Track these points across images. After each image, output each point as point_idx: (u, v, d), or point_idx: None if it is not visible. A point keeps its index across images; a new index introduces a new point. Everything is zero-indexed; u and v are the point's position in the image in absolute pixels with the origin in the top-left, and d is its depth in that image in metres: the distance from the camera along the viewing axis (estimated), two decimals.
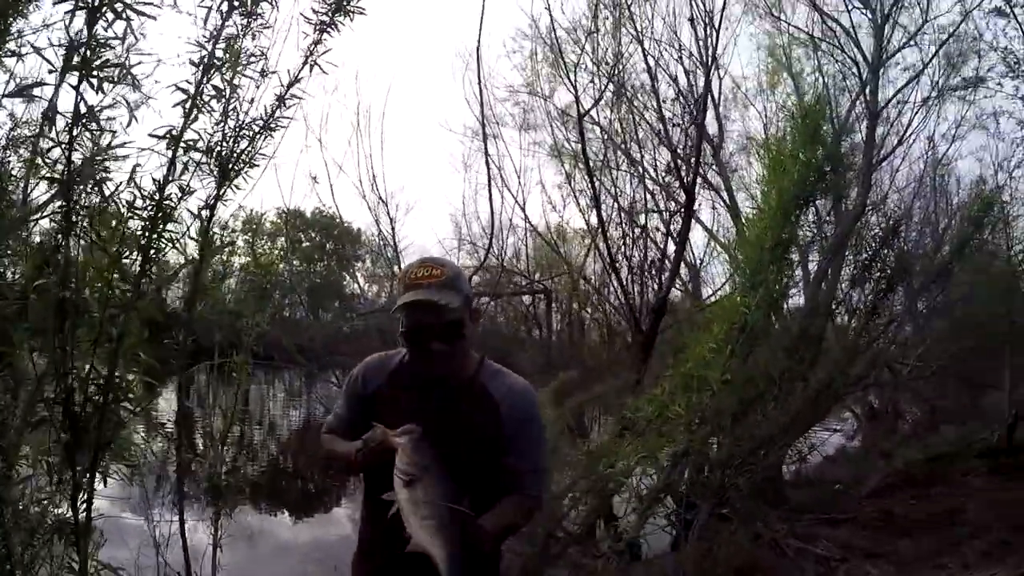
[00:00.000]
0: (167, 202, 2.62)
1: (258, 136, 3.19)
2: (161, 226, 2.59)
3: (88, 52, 2.41)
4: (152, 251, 2.56)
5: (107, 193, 2.45)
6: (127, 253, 2.53)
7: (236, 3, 2.89)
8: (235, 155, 3.14)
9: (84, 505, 2.61)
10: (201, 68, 2.80)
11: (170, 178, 2.65)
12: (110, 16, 2.42)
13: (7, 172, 4.09)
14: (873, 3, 12.03)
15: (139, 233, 2.56)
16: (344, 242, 37.25)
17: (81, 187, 2.45)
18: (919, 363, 11.14)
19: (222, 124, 3.05)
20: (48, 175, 2.44)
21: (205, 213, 3.14)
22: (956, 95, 12.74)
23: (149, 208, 2.57)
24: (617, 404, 6.66)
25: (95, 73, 2.42)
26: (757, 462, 6.05)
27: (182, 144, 2.70)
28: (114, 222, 2.53)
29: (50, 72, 2.48)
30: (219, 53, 2.85)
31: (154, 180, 2.62)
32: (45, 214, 2.70)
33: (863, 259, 8.95)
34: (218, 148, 3.05)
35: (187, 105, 2.75)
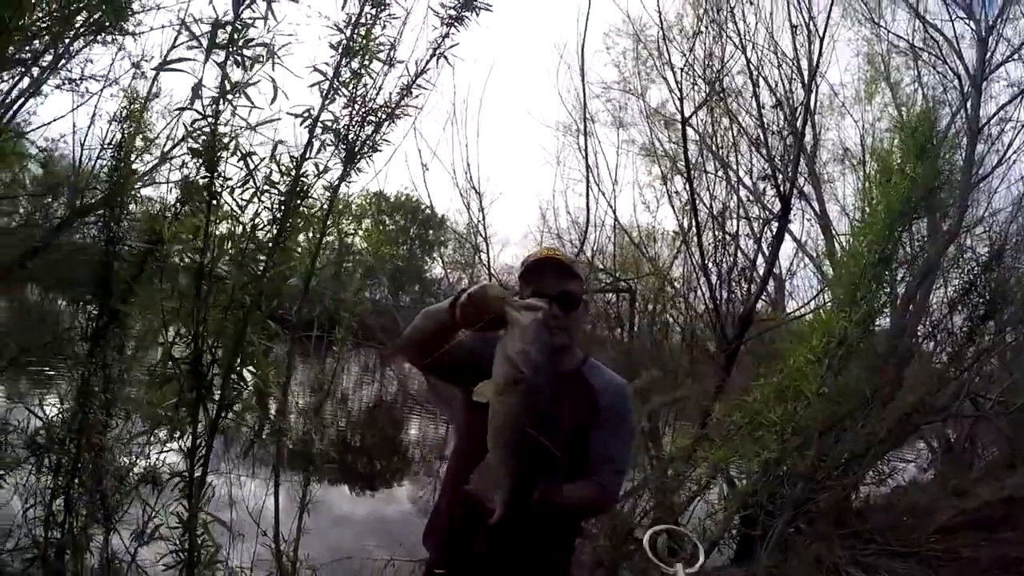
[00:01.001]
0: (303, 179, 2.73)
1: (384, 122, 3.28)
2: (297, 201, 2.70)
3: (233, 31, 2.51)
4: (287, 226, 2.67)
5: (251, 167, 2.55)
6: (262, 226, 2.64)
7: None
8: (362, 139, 3.24)
9: (200, 460, 2.72)
10: (340, 51, 2.90)
11: (307, 156, 2.76)
12: None
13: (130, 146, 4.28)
14: (977, 14, 11.63)
15: (275, 207, 2.67)
16: (428, 227, 37.66)
17: (224, 159, 2.56)
18: (1002, 398, 10.74)
19: (351, 108, 3.15)
20: (193, 147, 2.56)
21: (329, 194, 3.26)
22: None
23: (286, 183, 2.68)
24: (699, 410, 6.64)
25: (241, 51, 2.53)
26: (839, 480, 5.98)
27: (319, 124, 2.81)
28: (251, 195, 2.64)
29: (189, 48, 2.58)
30: (355, 38, 2.95)
31: (291, 157, 2.73)
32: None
33: (962, 283, 8.67)
34: (347, 131, 3.15)
35: (325, 86, 2.85)
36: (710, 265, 8.29)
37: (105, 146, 4.48)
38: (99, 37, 5.85)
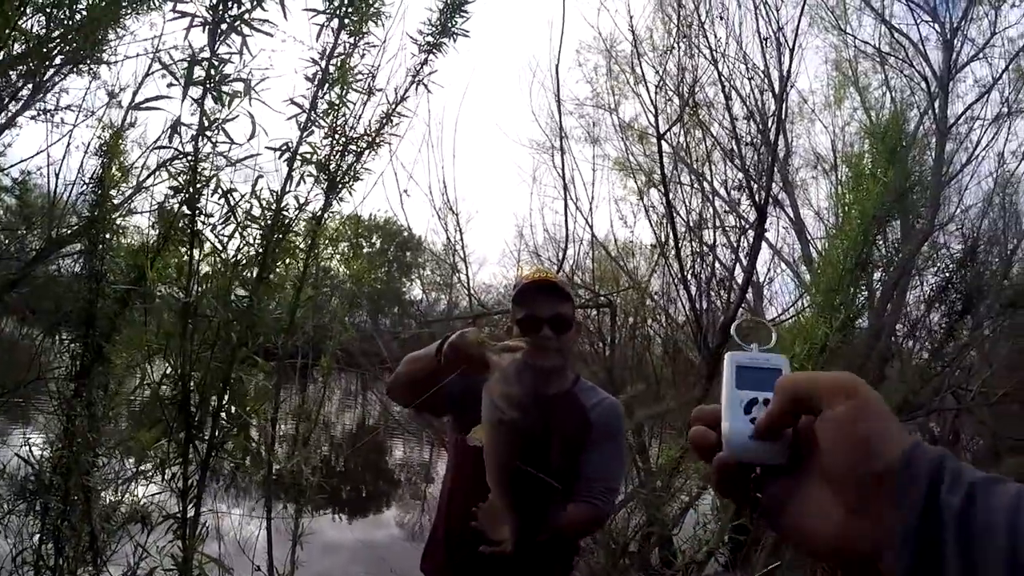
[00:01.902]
0: (284, 212, 2.73)
1: (365, 151, 3.29)
2: (279, 236, 2.70)
3: (210, 67, 2.51)
4: (270, 260, 2.66)
5: (231, 203, 2.54)
6: (246, 261, 2.63)
7: (347, 21, 2.99)
8: (343, 169, 3.24)
9: (193, 500, 2.70)
10: (316, 83, 2.90)
11: (287, 189, 2.76)
12: (228, 32, 2.52)
13: (109, 179, 4.26)
14: (942, 16, 11.86)
15: (258, 242, 2.67)
16: (406, 248, 37.59)
17: (205, 196, 2.55)
18: (984, 389, 10.86)
19: (331, 139, 3.15)
20: (174, 184, 2.55)
21: (312, 225, 3.25)
22: None
23: (268, 218, 2.68)
24: (684, 421, 6.64)
25: (218, 87, 2.52)
26: None
27: (298, 157, 2.81)
28: (233, 231, 2.63)
29: (169, 86, 2.57)
30: (331, 70, 2.96)
31: (272, 191, 2.72)
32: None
33: (939, 281, 8.77)
34: (327, 162, 3.15)
35: (302, 119, 2.85)
36: (689, 276, 8.33)
37: (82, 178, 4.44)
38: (75, 68, 5.83)
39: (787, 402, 0.70)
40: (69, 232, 6.08)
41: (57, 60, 5.30)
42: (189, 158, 2.50)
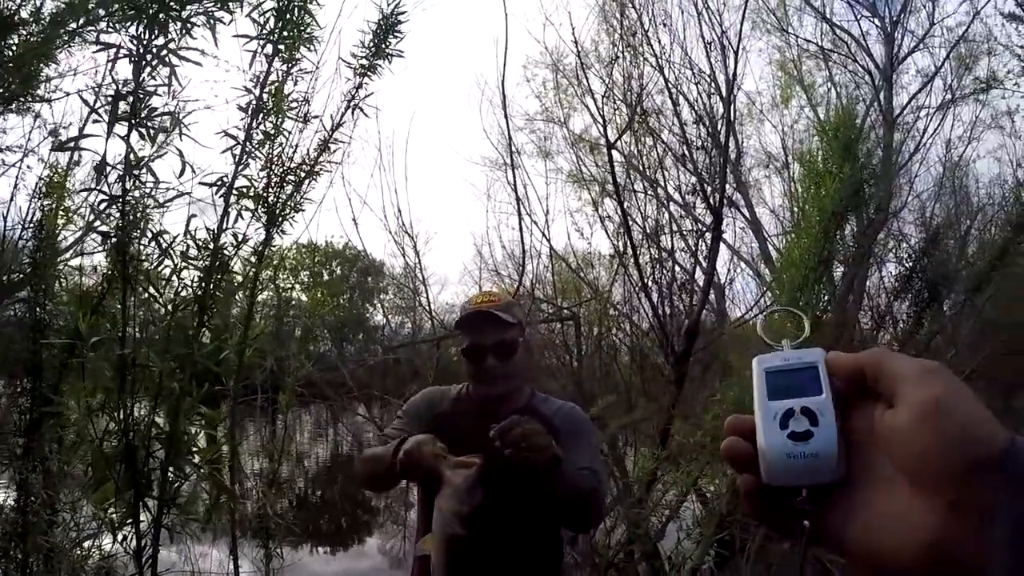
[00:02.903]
0: (223, 252, 2.60)
1: (304, 181, 3.17)
2: (217, 276, 2.57)
3: (136, 101, 2.39)
4: (209, 302, 2.53)
5: (164, 246, 2.41)
6: (183, 306, 2.50)
7: (280, 47, 2.88)
8: (282, 201, 3.12)
9: (148, 561, 2.56)
10: (249, 113, 2.78)
11: (224, 227, 2.63)
12: (154, 63, 2.40)
13: (52, 223, 4.11)
14: (882, 10, 12.03)
15: (195, 284, 2.54)
16: (367, 274, 37.27)
17: (137, 240, 2.42)
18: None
19: (268, 170, 3.03)
20: (102, 229, 2.41)
21: (254, 260, 3.13)
22: (972, 96, 12.61)
23: (204, 259, 2.55)
24: (657, 430, 6.58)
25: (145, 122, 2.40)
26: None
27: (234, 191, 2.68)
28: (169, 273, 2.50)
29: (94, 121, 2.45)
30: (265, 98, 2.84)
31: (208, 230, 2.60)
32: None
33: (902, 271, 8.81)
34: (266, 194, 3.03)
35: (237, 151, 2.73)
36: (649, 283, 8.26)
37: (26, 225, 4.29)
38: (11, 107, 5.64)
39: (851, 375, 0.60)
40: (19, 278, 5.89)
41: None
42: (117, 199, 2.36)
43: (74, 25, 4.94)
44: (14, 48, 4.81)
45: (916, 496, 0.55)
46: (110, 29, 2.39)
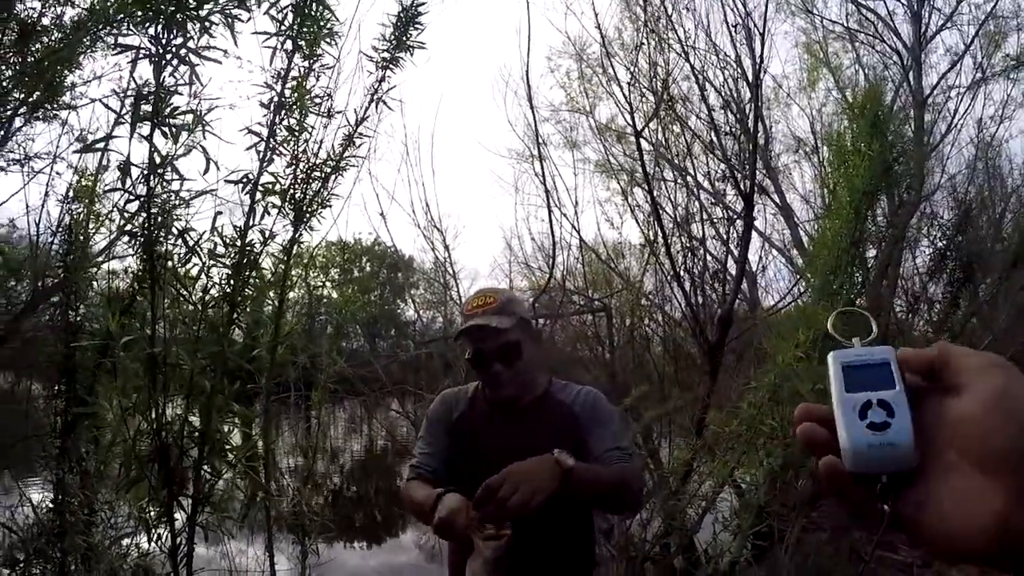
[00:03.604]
0: (251, 248, 2.59)
1: (330, 176, 3.15)
2: (246, 273, 2.56)
3: (157, 101, 2.38)
4: (239, 299, 2.52)
5: (191, 244, 2.41)
6: (213, 304, 2.50)
7: (300, 43, 2.86)
8: (309, 197, 3.10)
9: (183, 560, 2.56)
10: (272, 109, 2.77)
11: (251, 224, 2.62)
12: (174, 63, 2.39)
13: (83, 227, 4.15)
14: None
15: (224, 282, 2.53)
16: (397, 270, 37.37)
17: (163, 239, 2.42)
18: None
19: (294, 166, 3.02)
20: (129, 229, 2.41)
21: (283, 257, 3.12)
22: (1002, 74, 12.30)
23: (232, 256, 2.54)
24: (692, 420, 6.52)
25: (167, 121, 2.39)
26: None
27: (259, 188, 2.67)
28: (198, 271, 2.49)
29: (118, 124, 2.45)
30: (287, 93, 2.82)
31: (235, 227, 2.59)
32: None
33: (936, 252, 8.65)
34: (292, 191, 3.01)
35: (261, 148, 2.71)
36: (681, 272, 8.19)
37: (57, 229, 4.33)
38: (37, 114, 5.72)
39: (919, 369, 0.64)
40: (53, 283, 5.97)
41: (16, 107, 5.19)
42: (142, 199, 2.36)
43: (95, 31, 4.99)
44: (37, 55, 4.86)
45: (984, 482, 0.57)
46: (129, 32, 2.38)
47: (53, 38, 4.98)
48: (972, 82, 12.10)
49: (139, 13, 2.34)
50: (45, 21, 4.98)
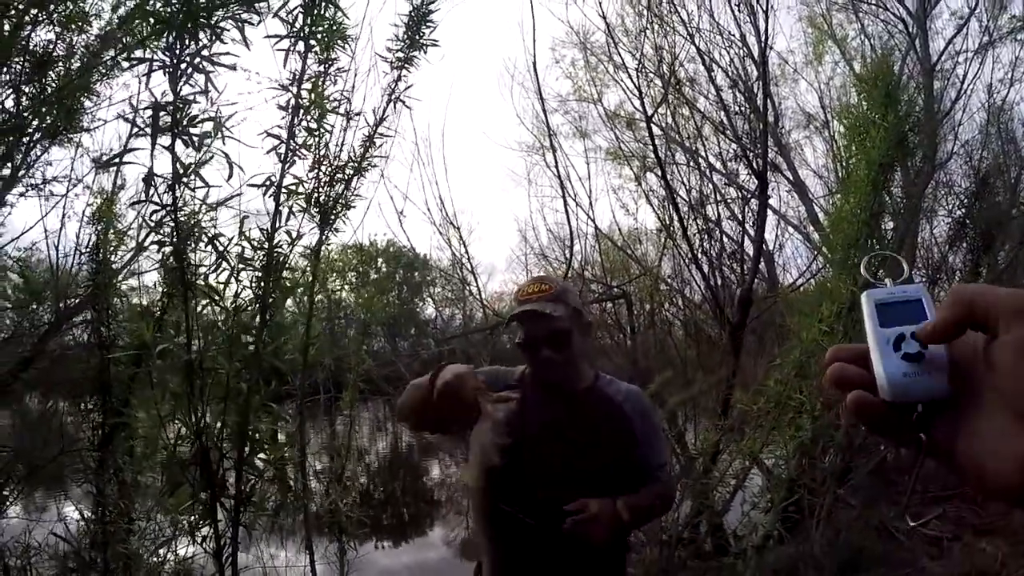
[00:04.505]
0: (278, 250, 2.62)
1: (353, 177, 3.18)
2: (276, 275, 2.59)
3: (175, 111, 2.41)
4: (270, 301, 2.56)
5: (220, 249, 2.45)
6: (245, 307, 2.53)
7: (312, 42, 2.88)
8: (333, 199, 3.13)
9: (228, 560, 2.61)
10: (289, 110, 2.80)
11: (277, 225, 2.66)
12: (188, 71, 2.42)
13: (106, 245, 4.22)
14: None
15: (254, 285, 2.57)
16: (414, 269, 37.39)
17: (193, 246, 2.46)
18: None
19: (316, 168, 3.05)
20: (157, 239, 2.45)
21: (310, 259, 3.16)
22: (1009, 36, 12.14)
23: (261, 259, 2.58)
24: (718, 402, 6.53)
25: (187, 131, 2.42)
26: (875, 442, 5.90)
27: (283, 190, 2.70)
28: (228, 277, 2.53)
29: (134, 136, 2.49)
30: (303, 95, 2.85)
31: (262, 230, 2.62)
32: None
33: (954, 221, 8.59)
34: (316, 193, 3.05)
35: (282, 150, 2.75)
36: (699, 254, 8.21)
37: (80, 248, 4.39)
38: (55, 140, 5.78)
39: (962, 310, 0.62)
40: (76, 302, 6.06)
41: (35, 135, 5.26)
42: (168, 208, 2.40)
43: (109, 56, 5.05)
44: (53, 84, 4.92)
45: (1016, 423, 0.58)
46: (141, 46, 2.42)
47: (69, 66, 5.05)
48: (979, 46, 11.94)
49: (151, 28, 2.39)
50: (60, 50, 5.05)
